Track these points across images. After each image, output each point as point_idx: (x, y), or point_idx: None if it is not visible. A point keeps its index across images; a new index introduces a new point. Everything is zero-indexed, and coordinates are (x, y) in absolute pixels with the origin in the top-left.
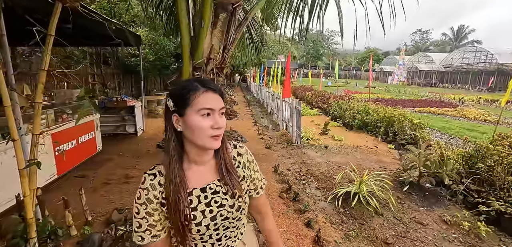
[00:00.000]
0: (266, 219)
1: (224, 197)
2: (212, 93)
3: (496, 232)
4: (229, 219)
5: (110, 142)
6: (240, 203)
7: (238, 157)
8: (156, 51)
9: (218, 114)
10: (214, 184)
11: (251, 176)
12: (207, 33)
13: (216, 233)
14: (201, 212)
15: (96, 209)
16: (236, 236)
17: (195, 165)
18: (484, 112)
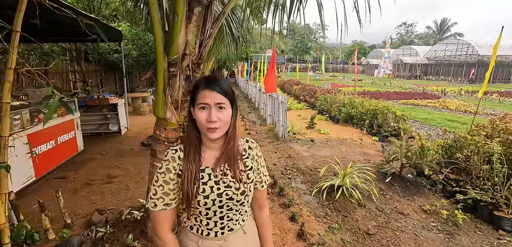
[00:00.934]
0: (263, 212)
1: (232, 180)
2: (210, 91)
3: (472, 219)
4: (233, 200)
5: (92, 141)
6: (245, 188)
7: (248, 149)
8: (140, 47)
9: (214, 109)
10: (224, 168)
11: (258, 169)
12: (182, 27)
13: (220, 210)
14: (210, 187)
15: (76, 211)
16: (238, 221)
17: (208, 149)
18: (465, 103)
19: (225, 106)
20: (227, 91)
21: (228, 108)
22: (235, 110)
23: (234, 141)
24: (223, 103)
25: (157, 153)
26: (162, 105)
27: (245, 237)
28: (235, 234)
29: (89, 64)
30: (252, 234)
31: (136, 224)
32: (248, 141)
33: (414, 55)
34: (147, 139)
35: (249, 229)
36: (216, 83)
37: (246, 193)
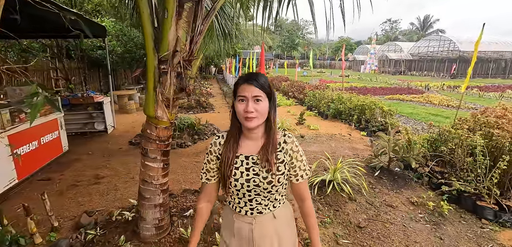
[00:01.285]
0: (304, 204)
1: (261, 169)
2: (248, 85)
3: (457, 209)
4: (260, 188)
5: (77, 141)
6: (272, 179)
7: (283, 144)
8: (125, 43)
9: (251, 101)
10: (255, 157)
11: (293, 163)
12: (172, 23)
13: (248, 194)
14: (241, 172)
15: (63, 213)
16: (267, 206)
17: (246, 139)
18: (447, 98)
19: (262, 99)
20: (264, 86)
21: (264, 101)
22: (273, 105)
23: (270, 133)
24: (259, 96)
25: (148, 152)
26: (153, 103)
27: (275, 221)
28: (264, 216)
29: (71, 61)
30: (283, 220)
31: (127, 225)
32: (285, 135)
33: (398, 51)
34: (135, 138)
35: (280, 214)
36: (254, 78)
37: (274, 184)
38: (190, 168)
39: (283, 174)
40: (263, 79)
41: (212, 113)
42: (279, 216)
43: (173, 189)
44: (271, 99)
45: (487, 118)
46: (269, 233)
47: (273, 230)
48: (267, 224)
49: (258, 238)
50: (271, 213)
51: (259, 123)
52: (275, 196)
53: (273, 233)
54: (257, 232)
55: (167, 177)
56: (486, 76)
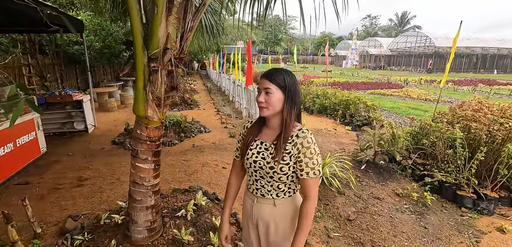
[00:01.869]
0: (305, 201)
1: (268, 155)
2: (262, 78)
3: (439, 199)
4: (263, 171)
5: (56, 142)
6: (274, 167)
7: (295, 137)
8: (103, 38)
9: (263, 92)
10: (268, 143)
11: (299, 157)
12: (162, 20)
13: (255, 174)
14: (252, 153)
15: (45, 219)
16: (270, 192)
17: (266, 128)
18: (425, 92)
19: (272, 92)
20: (275, 79)
21: (275, 93)
22: (289, 99)
23: (285, 125)
24: (269, 88)
25: (138, 153)
26: (143, 102)
27: (274, 209)
28: (265, 200)
29: (45, 57)
30: (282, 212)
31: (117, 229)
32: (300, 130)
33: (378, 47)
34: (119, 137)
35: (281, 206)
36: (269, 73)
37: (275, 170)
38: (178, 166)
39: (288, 165)
40: (278, 74)
41: (197, 110)
42: (280, 206)
43: (162, 189)
44: (286, 93)
45: (464, 111)
46: (266, 218)
47: (270, 216)
48: (265, 208)
49: (255, 217)
50: (273, 200)
51: (270, 113)
52: (279, 185)
53: (270, 219)
54: (255, 211)
55: (159, 178)
56: (459, 71)
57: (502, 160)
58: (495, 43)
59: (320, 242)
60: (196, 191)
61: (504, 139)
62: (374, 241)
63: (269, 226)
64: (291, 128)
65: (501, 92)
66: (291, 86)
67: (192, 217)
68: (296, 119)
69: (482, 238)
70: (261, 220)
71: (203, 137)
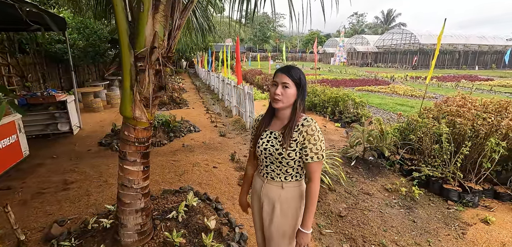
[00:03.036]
0: (309, 183)
1: (276, 142)
2: (281, 73)
3: (426, 193)
4: (272, 157)
5: (39, 144)
6: (282, 153)
7: (301, 126)
8: (87, 36)
9: (280, 86)
10: (277, 133)
11: (304, 144)
12: (149, 17)
13: (265, 160)
14: (262, 141)
15: (29, 225)
16: (279, 176)
17: (276, 119)
18: (411, 88)
19: (289, 86)
20: (293, 76)
21: (291, 89)
22: (301, 94)
23: (294, 117)
24: (287, 83)
25: (126, 155)
26: (130, 103)
27: (281, 191)
28: (274, 182)
29: (26, 56)
30: (289, 194)
31: (106, 233)
32: (305, 119)
33: (365, 44)
34: (105, 138)
35: (289, 188)
36: (287, 69)
37: (283, 156)
38: (168, 167)
39: (295, 151)
40: (295, 71)
41: (187, 109)
42: (287, 189)
43: (152, 191)
44: (299, 89)
45: (449, 107)
46: (273, 198)
47: (277, 197)
48: (273, 189)
49: (264, 196)
50: (281, 183)
51: (283, 106)
52: (287, 169)
53: (276, 199)
54: (264, 191)
55: (148, 180)
56: (442, 67)
57: (485, 154)
58: (476, 40)
59: (312, 239)
60: (187, 192)
61: (487, 133)
62: (365, 237)
63: (275, 206)
64: (298, 118)
65: (482, 88)
66: (304, 83)
67: (184, 218)
68: (303, 110)
69: (468, 230)
70: (267, 200)
71: (193, 137)
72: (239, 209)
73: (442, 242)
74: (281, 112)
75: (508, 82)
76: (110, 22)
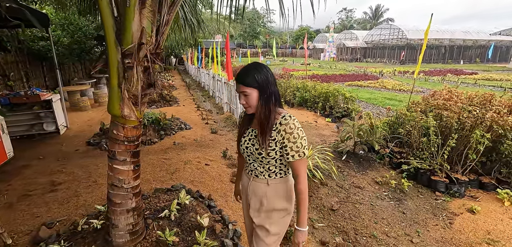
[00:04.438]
0: (296, 180)
1: (256, 141)
2: (237, 83)
3: (415, 185)
4: (253, 155)
5: (24, 145)
6: (262, 152)
7: (278, 125)
8: (72, 33)
9: (242, 95)
10: (257, 131)
11: (284, 143)
12: (135, 13)
13: (248, 158)
14: (244, 140)
15: (16, 228)
16: (263, 173)
17: (257, 118)
18: (399, 83)
19: (248, 93)
20: (247, 81)
21: (251, 94)
22: (261, 94)
23: (266, 115)
24: (245, 91)
25: (116, 154)
26: (118, 101)
27: (267, 188)
28: (259, 180)
29: (7, 54)
30: (275, 190)
31: (97, 234)
32: (283, 117)
33: (354, 39)
34: (94, 138)
35: (274, 185)
36: (241, 77)
37: (263, 155)
38: (159, 165)
39: (274, 150)
40: (250, 76)
41: (177, 107)
42: (273, 185)
43: (143, 190)
44: (261, 90)
45: (436, 101)
46: (260, 194)
47: (263, 193)
48: (259, 186)
49: (251, 193)
50: (266, 180)
51: (254, 111)
52: (269, 166)
53: (263, 196)
54: (251, 188)
55: (139, 179)
56: (429, 62)
57: (471, 146)
58: (461, 35)
59: None
60: (179, 190)
61: (472, 125)
62: (357, 229)
63: (262, 202)
64: (273, 117)
65: (467, 81)
66: (262, 83)
67: (176, 217)
68: (278, 105)
69: (454, 220)
70: (255, 197)
71: (184, 134)
72: (232, 206)
73: (431, 232)
74: (258, 113)
75: (491, 75)
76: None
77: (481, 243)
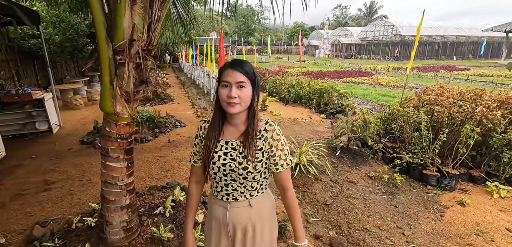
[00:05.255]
0: (285, 194)
1: (238, 155)
2: (232, 70)
3: (407, 179)
4: (235, 173)
5: (16, 144)
6: (248, 166)
7: (264, 131)
8: (63, 31)
9: (234, 87)
10: (235, 142)
11: (272, 152)
12: (126, 9)
13: (224, 178)
14: (218, 156)
15: (9, 227)
16: (243, 193)
17: (229, 124)
18: (393, 79)
19: (245, 85)
20: (248, 72)
21: (247, 88)
22: (257, 92)
23: (252, 120)
24: (243, 82)
25: (109, 151)
26: (110, 98)
27: (250, 210)
28: (239, 203)
29: None
30: (260, 210)
31: (91, 232)
32: (267, 123)
33: (349, 36)
34: (88, 136)
35: (256, 204)
36: (239, 64)
37: (249, 170)
38: (154, 163)
39: (261, 162)
40: (248, 66)
41: (172, 104)
42: (256, 205)
43: (138, 187)
44: (255, 86)
45: (428, 96)
46: (243, 221)
47: (247, 218)
48: (241, 211)
49: (231, 224)
50: (247, 201)
51: (242, 110)
52: (252, 184)
53: (247, 221)
54: (230, 217)
55: (133, 176)
56: (422, 58)
57: (461, 140)
58: (454, 31)
59: None
60: (174, 187)
61: (463, 120)
62: (350, 223)
63: (247, 230)
64: (258, 122)
65: (459, 77)
66: (257, 78)
67: (171, 213)
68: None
69: (445, 212)
70: (238, 226)
71: (178, 132)
72: None
73: (422, 224)
74: (237, 117)
75: (483, 71)
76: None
77: (470, 234)
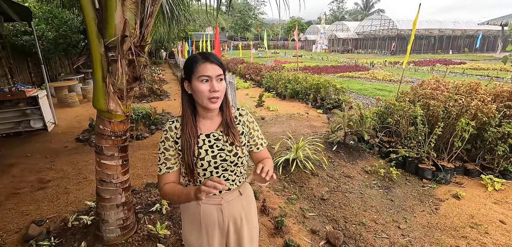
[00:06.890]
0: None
1: (225, 144)
2: (210, 64)
3: (403, 173)
4: (227, 162)
5: (10, 143)
6: (237, 150)
7: (239, 116)
8: (57, 27)
9: (215, 80)
10: (217, 133)
11: (251, 133)
12: (117, 4)
13: (216, 171)
14: (205, 150)
15: (5, 227)
16: (234, 181)
17: (202, 118)
18: (389, 73)
19: (222, 78)
20: (222, 63)
21: (223, 79)
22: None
23: (228, 108)
24: (221, 75)
25: (103, 149)
26: (103, 95)
27: (241, 198)
28: (232, 194)
29: None
30: (247, 196)
31: (87, 230)
32: (239, 109)
33: (346, 31)
34: (83, 134)
35: (245, 191)
36: (214, 57)
37: (239, 155)
38: (150, 160)
39: (245, 145)
40: (217, 57)
41: (168, 101)
42: (245, 192)
43: (134, 185)
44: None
45: (424, 90)
46: (237, 211)
47: (241, 208)
48: (235, 202)
49: (227, 219)
50: (237, 189)
51: (220, 103)
52: (240, 170)
53: (241, 210)
54: (226, 212)
55: (128, 174)
56: (419, 52)
57: (456, 134)
58: (450, 25)
59: (296, 223)
60: None
61: (458, 114)
62: (347, 217)
63: (240, 219)
64: (231, 109)
65: (455, 71)
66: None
67: (168, 210)
68: None
69: (440, 205)
70: (232, 219)
71: None
72: None
73: (417, 218)
74: (211, 111)
75: (479, 65)
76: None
77: (464, 227)
